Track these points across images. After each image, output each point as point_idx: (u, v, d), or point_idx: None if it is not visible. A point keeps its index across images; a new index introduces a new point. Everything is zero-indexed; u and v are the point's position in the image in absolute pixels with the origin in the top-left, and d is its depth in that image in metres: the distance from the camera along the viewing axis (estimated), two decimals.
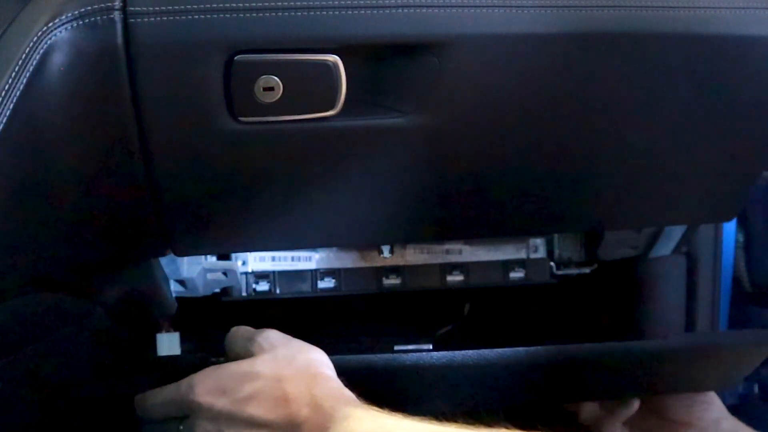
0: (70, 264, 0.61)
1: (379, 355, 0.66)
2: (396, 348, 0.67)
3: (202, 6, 0.50)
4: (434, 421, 0.49)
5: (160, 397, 0.63)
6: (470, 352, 0.67)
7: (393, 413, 0.51)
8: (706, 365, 0.76)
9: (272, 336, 0.63)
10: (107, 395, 0.75)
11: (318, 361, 0.60)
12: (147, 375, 0.72)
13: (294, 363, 0.59)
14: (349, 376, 0.58)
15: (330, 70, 0.54)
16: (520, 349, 0.68)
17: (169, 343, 0.72)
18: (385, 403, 0.53)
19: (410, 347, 0.67)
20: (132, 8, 0.50)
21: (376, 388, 0.55)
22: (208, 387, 0.59)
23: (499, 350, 0.68)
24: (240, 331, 0.64)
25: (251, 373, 0.59)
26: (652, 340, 0.71)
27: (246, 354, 0.62)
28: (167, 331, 0.74)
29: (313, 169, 0.60)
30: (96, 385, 0.74)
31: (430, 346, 0.68)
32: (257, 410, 0.56)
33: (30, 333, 0.62)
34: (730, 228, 0.94)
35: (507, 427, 0.48)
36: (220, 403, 0.58)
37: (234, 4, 0.51)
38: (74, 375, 0.69)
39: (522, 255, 0.87)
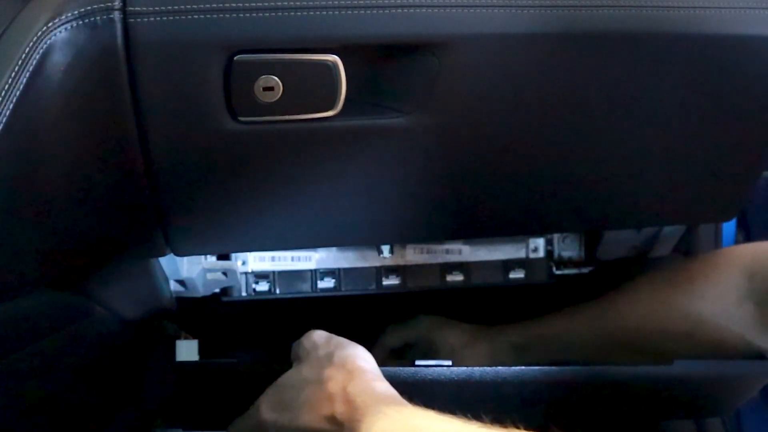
0: (70, 264, 0.61)
1: (400, 369, 0.67)
2: (417, 363, 0.68)
3: (202, 6, 0.50)
4: (462, 418, 0.49)
5: (239, 426, 0.64)
6: (488, 369, 0.68)
7: (423, 409, 0.51)
8: (708, 393, 0.77)
9: (314, 336, 0.64)
10: (109, 396, 0.75)
11: (354, 356, 0.60)
12: (168, 379, 0.73)
13: (333, 361, 0.59)
14: None
15: (330, 70, 0.53)
16: (534, 368, 0.69)
17: (187, 350, 0.72)
18: None
19: (431, 362, 0.68)
20: (132, 8, 0.50)
21: None
22: (270, 403, 0.61)
23: (515, 368, 0.69)
24: (298, 341, 0.65)
25: (300, 380, 0.60)
26: (656, 366, 0.71)
27: (297, 360, 0.63)
28: (186, 338, 0.75)
29: (313, 169, 0.60)
30: (96, 385, 0.74)
31: (450, 362, 0.68)
32: (311, 416, 0.57)
33: (30, 333, 0.62)
34: (730, 228, 0.94)
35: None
36: (282, 417, 0.59)
37: (234, 4, 0.51)
38: (74, 375, 0.69)
39: (522, 255, 0.87)
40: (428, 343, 0.85)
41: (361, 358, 0.60)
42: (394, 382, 0.57)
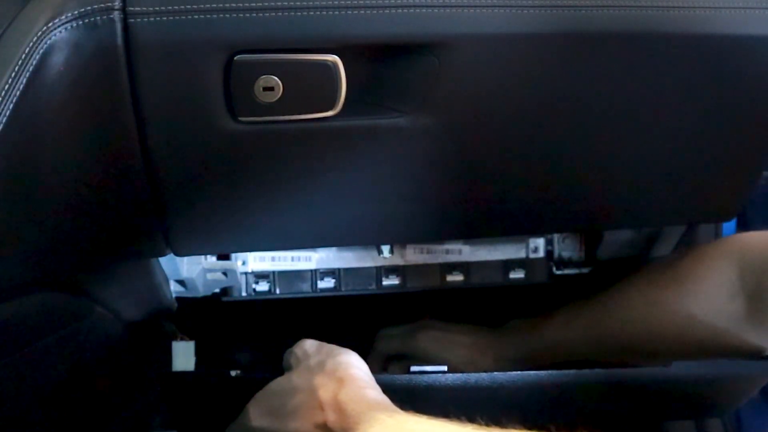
0: (70, 264, 0.61)
1: (395, 376, 0.67)
2: (412, 369, 0.68)
3: (202, 6, 0.50)
4: (454, 421, 0.49)
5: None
6: (483, 375, 0.68)
7: (415, 414, 0.51)
8: (708, 393, 0.77)
9: (306, 345, 0.64)
10: (108, 396, 0.75)
11: (346, 363, 0.60)
12: (161, 388, 0.73)
13: (324, 369, 0.59)
14: None
15: (330, 70, 0.54)
16: (532, 372, 0.69)
17: (184, 352, 0.72)
18: None
19: (426, 368, 0.68)
20: (132, 8, 0.50)
21: None
22: (259, 410, 0.60)
23: (512, 373, 0.69)
24: (290, 350, 0.65)
25: (290, 388, 0.60)
26: (654, 368, 0.71)
27: (288, 368, 0.63)
28: (182, 339, 0.75)
29: (313, 169, 0.60)
30: (95, 385, 0.74)
31: (445, 368, 0.68)
32: (302, 424, 0.57)
33: (30, 333, 0.62)
34: (730, 228, 0.94)
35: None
36: (271, 423, 0.59)
37: (234, 4, 0.51)
38: (74, 375, 0.69)
39: (522, 255, 0.87)
40: (425, 359, 0.85)
41: (353, 365, 0.60)
42: (390, 389, 0.57)
